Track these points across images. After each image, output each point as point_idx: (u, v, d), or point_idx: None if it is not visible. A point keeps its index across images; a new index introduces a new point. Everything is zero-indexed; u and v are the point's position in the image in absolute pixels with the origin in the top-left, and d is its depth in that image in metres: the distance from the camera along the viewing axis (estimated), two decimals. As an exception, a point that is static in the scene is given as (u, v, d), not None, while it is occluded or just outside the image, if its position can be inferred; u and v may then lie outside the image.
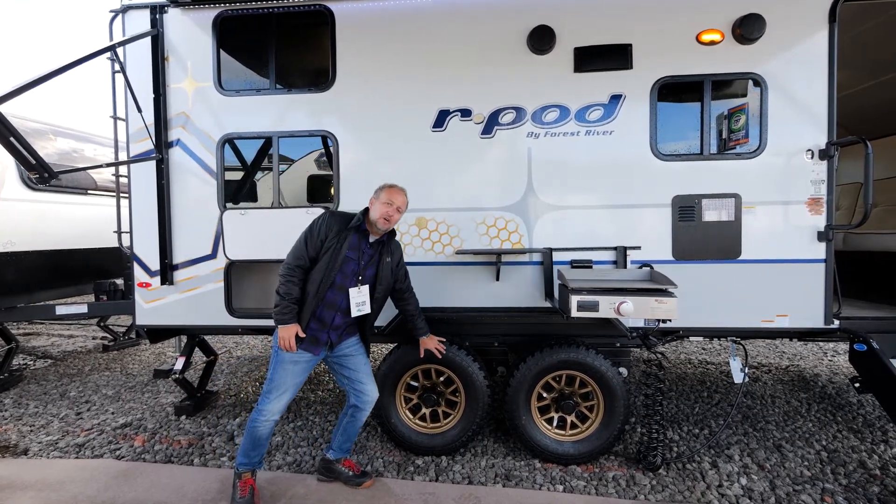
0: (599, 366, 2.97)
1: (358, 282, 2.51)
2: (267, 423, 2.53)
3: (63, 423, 3.78)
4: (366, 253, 2.54)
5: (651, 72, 3.03)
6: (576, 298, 2.40)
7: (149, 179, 3.43)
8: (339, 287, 2.48)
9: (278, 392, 2.51)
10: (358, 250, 2.50)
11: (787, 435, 3.42)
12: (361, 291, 2.52)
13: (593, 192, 3.12)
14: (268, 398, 2.51)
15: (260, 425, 2.53)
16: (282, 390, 2.51)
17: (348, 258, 2.47)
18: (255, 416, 2.53)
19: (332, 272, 2.42)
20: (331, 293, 2.47)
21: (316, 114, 3.30)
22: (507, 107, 3.14)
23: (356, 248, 2.50)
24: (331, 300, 2.49)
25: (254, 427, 2.53)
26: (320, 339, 2.51)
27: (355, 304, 2.51)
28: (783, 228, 2.99)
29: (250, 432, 2.55)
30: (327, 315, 2.49)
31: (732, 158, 3.01)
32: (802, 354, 5.47)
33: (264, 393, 2.53)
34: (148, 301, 3.52)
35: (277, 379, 2.50)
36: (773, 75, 2.95)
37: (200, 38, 3.38)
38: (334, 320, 2.50)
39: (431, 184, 3.22)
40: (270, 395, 2.51)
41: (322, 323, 2.50)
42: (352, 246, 2.48)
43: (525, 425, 3.06)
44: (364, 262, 2.52)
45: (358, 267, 2.50)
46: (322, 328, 2.51)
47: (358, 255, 2.50)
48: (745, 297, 3.03)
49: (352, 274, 2.50)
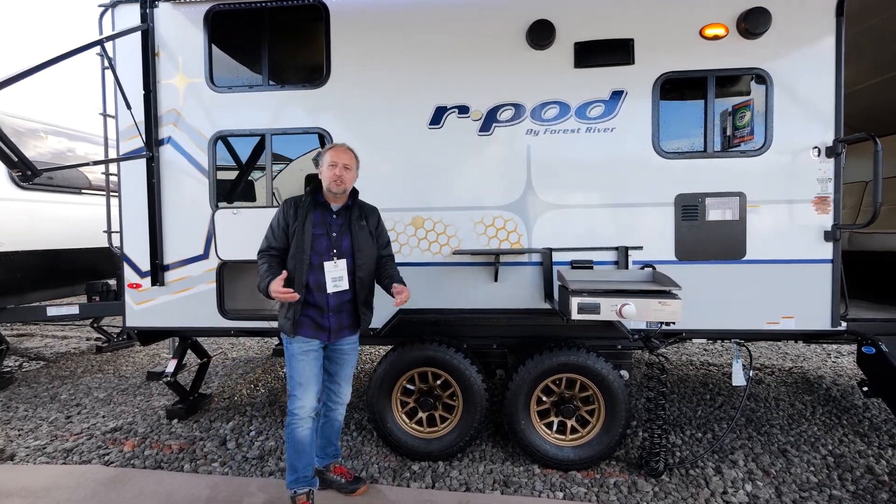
0: (600, 369, 2.89)
1: (333, 255, 2.38)
2: (303, 423, 2.43)
3: (52, 426, 3.70)
4: (334, 224, 2.43)
5: (653, 67, 2.95)
6: (576, 300, 2.32)
7: (139, 178, 3.34)
8: (318, 267, 2.39)
9: (302, 387, 2.41)
10: (324, 224, 2.40)
11: (793, 439, 3.34)
12: (338, 266, 2.39)
13: (594, 191, 3.04)
14: (294, 397, 2.42)
15: (297, 428, 2.42)
16: (305, 384, 2.42)
17: (316, 235, 2.37)
18: (289, 421, 2.44)
19: (304, 254, 2.33)
20: (312, 276, 2.38)
21: (310, 111, 3.22)
22: (506, 103, 3.06)
23: (321, 222, 2.40)
24: (316, 282, 2.40)
25: (291, 432, 2.43)
26: (322, 324, 2.43)
27: (331, 280, 2.38)
28: (789, 228, 2.91)
29: (290, 439, 2.44)
30: (320, 299, 2.41)
31: (737, 156, 2.93)
32: (806, 356, 5.40)
33: (289, 394, 2.45)
34: (138, 302, 3.44)
35: (296, 374, 2.42)
36: (778, 71, 2.87)
37: (192, 33, 3.30)
38: (329, 302, 2.41)
39: (428, 182, 3.14)
40: (295, 392, 2.42)
41: (318, 308, 2.41)
42: (315, 222, 2.38)
43: (524, 430, 2.98)
44: (336, 234, 2.41)
45: (330, 241, 2.40)
46: (321, 313, 2.42)
47: (326, 230, 2.40)
48: (750, 298, 2.95)
49: (326, 250, 2.39)
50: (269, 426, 3.61)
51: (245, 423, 3.67)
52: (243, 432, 3.52)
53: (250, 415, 3.82)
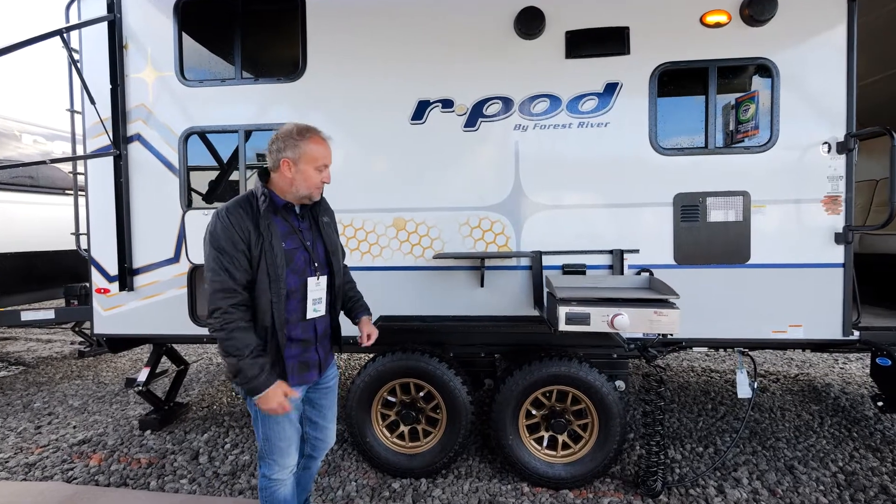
0: (594, 381, 2.69)
1: (315, 271, 1.84)
2: (283, 484, 1.90)
3: (20, 438, 3.52)
4: (305, 231, 1.86)
5: (650, 57, 2.75)
6: (564, 310, 2.13)
7: (106, 177, 3.17)
8: (296, 292, 1.82)
9: (282, 451, 1.85)
10: (294, 233, 1.82)
11: (800, 454, 3.13)
12: (319, 283, 1.86)
13: (587, 190, 2.85)
14: (272, 463, 1.85)
15: (277, 490, 1.89)
16: (286, 447, 1.85)
17: (291, 250, 1.78)
18: (264, 484, 1.88)
19: (280, 281, 1.72)
20: (292, 303, 1.79)
21: (285, 105, 3.03)
22: (493, 97, 2.87)
23: (290, 232, 1.80)
24: (297, 311, 1.83)
25: (269, 496, 1.89)
26: (311, 360, 1.88)
27: (311, 302, 1.83)
28: (797, 229, 2.71)
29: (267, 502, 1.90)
30: (303, 330, 1.84)
31: (740, 152, 2.73)
32: (812, 361, 5.18)
33: (262, 458, 1.88)
34: (106, 308, 3.26)
35: (274, 436, 1.82)
36: (785, 61, 2.67)
37: (161, 24, 3.12)
38: (317, 329, 1.89)
39: (410, 181, 2.95)
40: (273, 457, 1.85)
41: (303, 343, 1.85)
42: (284, 234, 1.77)
43: (512, 445, 2.79)
44: (310, 242, 1.87)
45: (308, 254, 1.84)
46: (307, 347, 1.86)
47: (300, 240, 1.83)
48: (755, 305, 2.75)
49: (306, 264, 1.83)
50: (245, 437, 3.43)
51: (221, 435, 3.48)
52: (218, 444, 3.34)
53: (227, 425, 3.64)
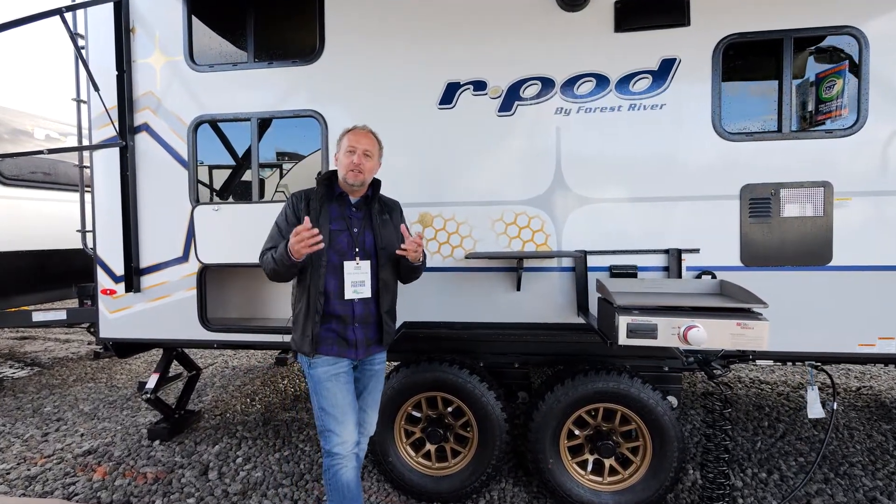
0: (647, 399, 2.36)
1: (356, 255, 2.00)
2: (347, 462, 1.96)
3: (25, 446, 3.35)
4: (354, 218, 2.05)
5: (714, 29, 2.40)
6: (625, 320, 1.80)
7: (112, 170, 2.96)
8: (338, 269, 1.99)
9: (338, 420, 1.96)
10: (343, 219, 2.03)
11: (881, 484, 2.74)
12: (360, 267, 2.00)
13: (638, 182, 2.51)
14: (330, 434, 1.96)
15: (340, 469, 1.96)
16: (341, 415, 1.96)
17: (335, 231, 2.00)
18: (328, 464, 1.98)
19: (322, 255, 1.92)
20: (332, 280, 1.98)
21: (301, 90, 2.77)
22: (531, 77, 2.55)
23: (340, 217, 2.03)
24: (337, 288, 1.99)
25: (333, 477, 1.96)
26: (349, 338, 2.01)
27: (350, 284, 1.97)
28: (887, 226, 2.33)
29: (333, 486, 1.97)
30: (342, 307, 1.99)
31: (821, 137, 2.36)
32: (873, 373, 4.71)
33: (322, 432, 1.99)
34: (112, 311, 3.06)
35: (328, 405, 1.96)
36: (875, 29, 2.29)
37: (170, 5, 2.89)
38: (354, 310, 2.00)
39: (438, 172, 2.66)
40: (330, 427, 1.96)
41: (342, 319, 2.00)
42: (333, 217, 2.01)
43: (552, 470, 2.47)
44: (357, 230, 2.03)
45: (352, 237, 2.01)
46: (345, 325, 2.00)
47: (346, 224, 2.02)
48: (837, 314, 2.38)
49: (348, 247, 2.01)
50: (258, 451, 3.19)
51: (233, 447, 3.25)
52: (229, 458, 3.10)
53: (240, 436, 3.41)
